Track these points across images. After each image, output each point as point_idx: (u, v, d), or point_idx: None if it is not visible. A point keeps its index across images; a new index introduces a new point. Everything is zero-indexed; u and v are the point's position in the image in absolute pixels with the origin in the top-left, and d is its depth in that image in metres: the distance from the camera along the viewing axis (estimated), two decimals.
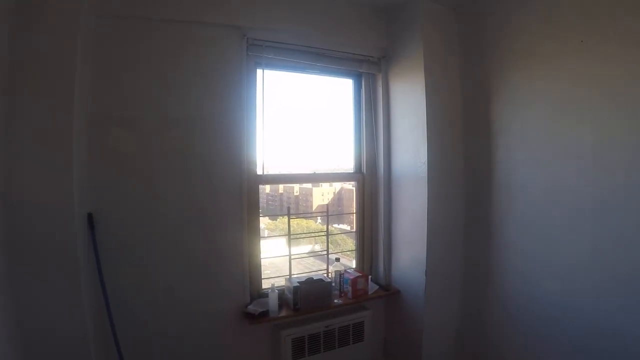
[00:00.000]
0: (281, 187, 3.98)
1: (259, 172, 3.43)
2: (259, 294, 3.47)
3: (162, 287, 3.02)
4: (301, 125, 3.79)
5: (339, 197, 4.25)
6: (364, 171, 3.96)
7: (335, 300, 3.60)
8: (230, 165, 3.22)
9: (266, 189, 3.85)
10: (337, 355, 3.64)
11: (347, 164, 4.01)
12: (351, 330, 3.67)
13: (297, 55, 3.47)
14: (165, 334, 3.07)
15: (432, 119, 3.53)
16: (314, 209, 4.06)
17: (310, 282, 3.45)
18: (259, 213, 3.49)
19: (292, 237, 3.67)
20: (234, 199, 3.24)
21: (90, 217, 2.69)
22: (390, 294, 3.88)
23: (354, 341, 3.71)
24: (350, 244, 4.16)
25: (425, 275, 3.58)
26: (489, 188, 3.53)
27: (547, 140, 3.07)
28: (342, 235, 4.21)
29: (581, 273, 2.88)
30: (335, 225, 4.28)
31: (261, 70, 3.39)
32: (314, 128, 3.84)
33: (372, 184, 4.00)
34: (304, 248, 4.05)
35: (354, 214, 4.03)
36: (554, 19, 2.97)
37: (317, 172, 3.87)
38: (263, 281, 3.55)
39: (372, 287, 3.82)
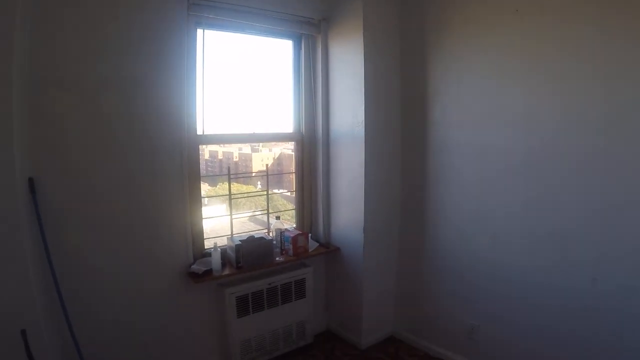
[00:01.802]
0: (220, 153, 4.04)
1: (199, 132, 3.48)
2: (202, 254, 3.58)
3: (106, 250, 3.05)
4: (241, 86, 3.84)
5: (278, 162, 4.39)
6: (303, 132, 4.11)
7: (277, 258, 3.78)
8: (170, 125, 3.24)
9: (205, 154, 3.91)
10: (280, 311, 3.85)
11: (287, 126, 4.14)
12: (293, 286, 3.89)
13: (237, 15, 3.50)
14: (111, 296, 3.12)
15: (370, 80, 3.73)
16: (254, 175, 4.17)
17: (251, 240, 3.58)
18: (199, 173, 3.55)
19: (232, 198, 3.77)
20: (175, 159, 3.27)
21: (31, 181, 2.64)
22: (330, 251, 4.14)
23: (297, 297, 3.94)
24: (291, 208, 4.33)
25: (364, 232, 3.84)
26: (425, 147, 3.82)
27: (481, 102, 3.40)
28: (283, 201, 4.37)
29: (512, 228, 3.28)
30: (276, 191, 4.43)
31: (202, 30, 3.43)
32: (254, 90, 3.91)
33: (311, 144, 4.16)
34: (245, 212, 4.17)
35: (294, 174, 4.18)
36: None
37: (257, 132, 3.97)
38: (206, 242, 3.65)
39: (313, 245, 4.05)
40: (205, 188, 3.86)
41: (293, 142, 4.16)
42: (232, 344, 3.65)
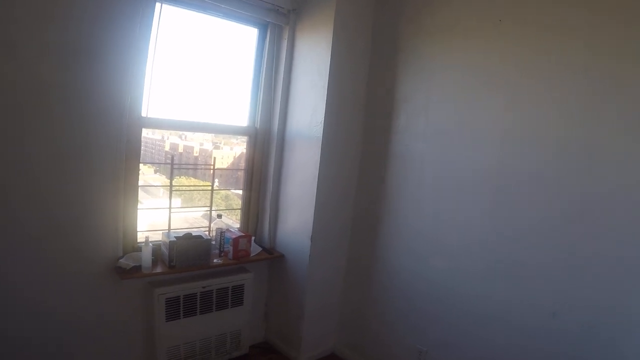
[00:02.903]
0: (181, 146, 3.86)
1: (143, 114, 3.27)
2: (134, 248, 3.36)
3: (28, 236, 2.83)
4: (197, 71, 3.65)
5: (239, 161, 4.20)
6: (257, 127, 3.95)
7: (215, 260, 3.59)
8: (111, 102, 3.00)
9: (165, 146, 3.76)
10: (214, 318, 3.65)
11: (241, 119, 3.97)
12: (230, 292, 3.68)
13: None
14: (27, 287, 2.89)
15: (335, 79, 3.58)
16: (206, 169, 3.98)
17: (188, 237, 3.38)
18: (139, 158, 3.33)
19: (175, 189, 3.59)
20: (113, 141, 3.05)
21: None
22: (273, 257, 3.96)
23: (233, 304, 3.73)
24: (237, 207, 4.17)
25: (311, 241, 3.68)
26: (386, 157, 3.69)
27: (448, 115, 3.29)
28: (239, 200, 4.17)
29: (469, 253, 3.15)
30: (233, 191, 4.26)
31: (160, 4, 3.21)
32: (211, 76, 3.73)
33: (265, 141, 4.00)
34: (197, 210, 4.00)
35: (243, 171, 4.00)
36: None
37: (207, 122, 3.76)
38: (140, 235, 3.43)
39: (255, 249, 3.86)
40: (162, 180, 3.71)
41: (246, 137, 3.97)
42: (159, 350, 3.43)
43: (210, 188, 3.83)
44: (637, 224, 2.40)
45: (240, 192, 4.13)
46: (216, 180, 3.93)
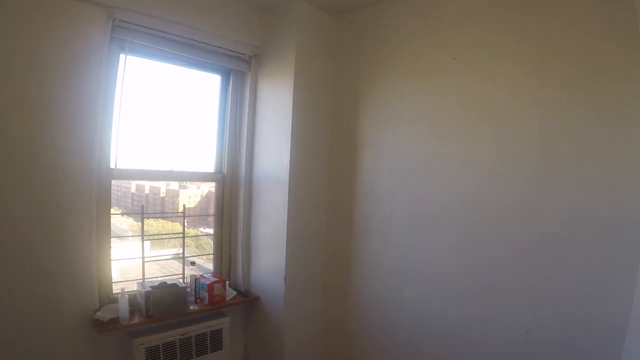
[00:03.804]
0: (147, 187, 3.89)
1: (112, 165, 3.31)
2: (110, 299, 3.36)
3: (1, 291, 2.80)
4: (163, 119, 3.74)
5: (206, 200, 4.26)
6: (225, 172, 4.04)
7: (191, 307, 3.62)
8: (80, 156, 3.06)
9: (132, 188, 3.79)
10: None
11: (208, 165, 4.06)
12: (209, 338, 3.71)
13: (165, 43, 3.44)
14: (8, 346, 2.85)
15: (298, 124, 3.73)
16: (180, 211, 4.01)
17: (163, 286, 3.41)
18: (109, 209, 3.36)
19: (147, 238, 3.61)
20: (83, 193, 3.09)
21: None
22: (249, 300, 4.01)
23: (213, 349, 3.75)
24: (209, 252, 4.21)
25: (285, 281, 3.75)
26: (353, 195, 3.85)
27: (412, 150, 3.48)
28: (210, 241, 4.21)
29: (443, 281, 3.31)
30: (202, 229, 4.29)
31: (124, 56, 3.30)
32: (176, 124, 3.82)
33: (233, 185, 4.08)
34: (168, 251, 4.01)
35: (213, 216, 4.07)
36: (432, 34, 3.39)
37: (175, 170, 3.82)
38: (115, 285, 3.43)
39: (231, 293, 3.91)
40: (129, 222, 3.74)
41: (214, 183, 4.04)
42: None
43: (181, 234, 3.88)
44: (596, 243, 2.61)
45: (210, 230, 4.19)
46: (185, 221, 3.98)
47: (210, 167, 4.05)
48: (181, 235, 3.87)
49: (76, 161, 3.04)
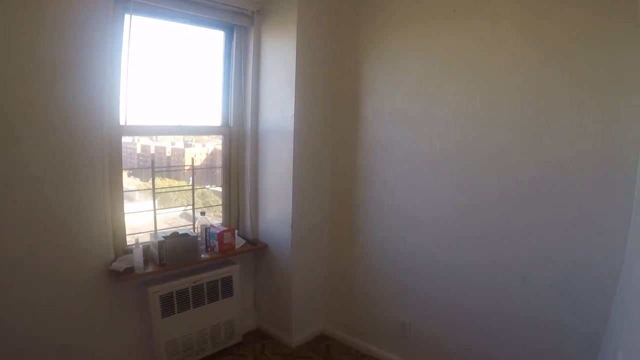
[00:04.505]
0: (153, 148, 3.98)
1: (122, 122, 3.42)
2: (124, 251, 3.54)
3: (19, 247, 2.96)
4: (169, 76, 3.81)
5: (211, 158, 4.37)
6: (231, 125, 4.13)
7: (202, 255, 3.80)
8: (91, 115, 3.15)
9: (137, 148, 3.88)
10: (207, 310, 3.87)
11: (215, 119, 4.15)
12: (220, 284, 3.90)
13: (168, 1, 3.47)
14: (26, 298, 3.04)
15: (302, 75, 3.78)
16: (186, 170, 4.14)
17: (175, 236, 3.57)
18: (121, 165, 3.49)
19: (157, 192, 3.76)
20: (95, 150, 3.20)
21: None
22: (257, 248, 4.19)
23: (224, 296, 3.95)
24: (218, 203, 4.34)
25: (291, 229, 3.90)
26: (356, 144, 3.93)
27: (413, 102, 3.54)
28: (215, 197, 4.36)
29: (443, 227, 3.44)
30: (208, 187, 4.42)
31: (129, 16, 3.35)
32: (183, 80, 3.88)
33: (239, 138, 4.18)
34: (176, 209, 4.14)
35: (221, 169, 4.19)
36: None
37: (182, 125, 3.93)
38: (128, 237, 3.60)
39: (240, 242, 4.08)
40: (136, 183, 3.83)
41: (220, 136, 4.15)
42: (158, 345, 3.64)
43: (190, 187, 4.03)
44: (591, 186, 2.70)
45: (216, 188, 4.33)
46: (191, 178, 4.11)
47: (217, 121, 4.14)
48: (190, 187, 4.02)
49: (87, 120, 3.14)
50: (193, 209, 4.03)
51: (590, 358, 2.74)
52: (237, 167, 4.22)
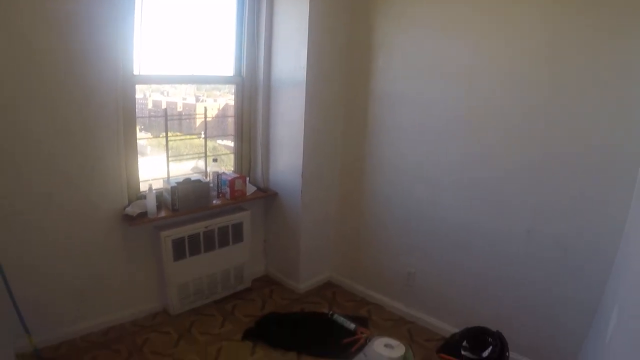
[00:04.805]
0: (164, 103, 3.98)
1: (136, 71, 3.46)
2: (137, 197, 3.62)
3: (37, 194, 3.07)
4: (182, 25, 3.80)
5: (222, 113, 4.40)
6: (244, 75, 4.15)
7: (214, 201, 3.90)
8: (106, 64, 3.17)
9: (148, 104, 3.91)
10: (218, 255, 4.00)
11: (228, 69, 4.16)
12: (231, 230, 4.01)
13: None
14: (44, 243, 3.17)
15: (314, 26, 3.76)
16: (197, 125, 4.19)
17: (187, 182, 3.65)
18: (135, 114, 3.53)
19: (170, 140, 3.80)
20: (109, 99, 3.24)
21: None
22: (268, 195, 4.29)
23: (234, 241, 4.08)
24: (229, 152, 4.40)
25: (302, 177, 3.97)
26: (368, 95, 3.95)
27: (425, 54, 3.53)
28: (225, 150, 4.41)
29: (452, 179, 3.49)
30: (219, 142, 4.46)
31: None
32: (196, 29, 3.87)
33: (252, 88, 4.20)
34: (188, 164, 4.19)
35: (233, 117, 4.24)
36: None
37: (196, 74, 3.97)
38: (142, 185, 3.67)
39: (251, 189, 4.17)
40: (147, 137, 3.87)
41: (234, 86, 4.18)
42: (170, 288, 3.77)
43: (202, 136, 4.09)
44: (596, 163, 2.75)
45: (227, 142, 4.40)
46: (201, 133, 4.17)
47: (229, 71, 4.15)
48: (202, 137, 4.09)
49: (102, 69, 3.17)
50: (205, 157, 4.10)
51: (589, 314, 2.82)
52: (249, 117, 4.26)
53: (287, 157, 4.11)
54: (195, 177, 3.78)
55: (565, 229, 2.92)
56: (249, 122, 4.27)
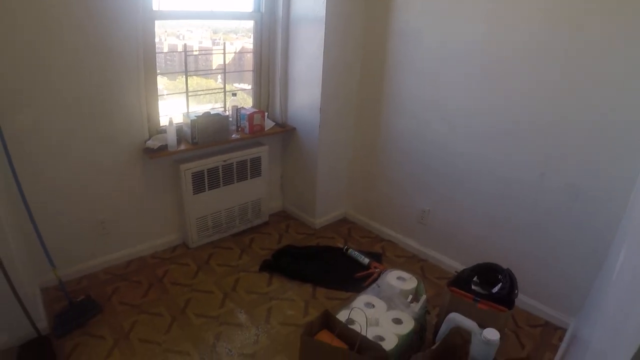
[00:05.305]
0: (180, 46, 3.92)
1: (155, 7, 3.44)
2: (158, 131, 3.69)
3: (61, 129, 3.13)
4: None
5: (239, 57, 4.39)
6: (263, 11, 4.10)
7: (233, 136, 3.95)
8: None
9: (164, 47, 3.89)
10: (236, 189, 4.10)
11: (247, 4, 4.10)
12: (249, 164, 4.10)
13: None
14: (68, 176, 3.27)
15: None
16: (214, 68, 4.19)
17: (207, 115, 3.69)
18: (154, 50, 3.54)
19: (190, 74, 3.83)
20: (129, 36, 3.24)
21: None
22: (286, 130, 4.32)
23: (252, 176, 4.17)
24: (249, 101, 4.40)
25: (320, 113, 3.99)
26: (386, 33, 3.89)
27: None
28: (244, 95, 4.41)
29: (468, 118, 3.48)
30: (236, 85, 4.45)
31: None
32: None
33: (271, 24, 4.16)
34: (204, 107, 4.17)
35: (252, 53, 4.23)
36: None
37: (215, 10, 3.92)
38: (162, 120, 3.72)
39: (269, 124, 4.22)
40: (164, 82, 3.87)
41: (252, 22, 4.14)
42: (189, 221, 3.90)
43: (220, 79, 4.12)
44: (615, 96, 2.69)
45: (245, 86, 4.41)
46: (219, 76, 4.19)
47: (248, 6, 4.11)
48: (222, 70, 4.09)
49: (122, 4, 3.14)
50: (224, 90, 4.14)
51: (600, 257, 2.87)
52: (267, 53, 4.24)
53: (305, 93, 4.11)
54: (214, 111, 3.82)
55: (578, 175, 2.93)
56: (268, 58, 4.25)
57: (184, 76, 3.80)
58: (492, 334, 2.41)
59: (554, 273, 3.22)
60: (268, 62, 4.27)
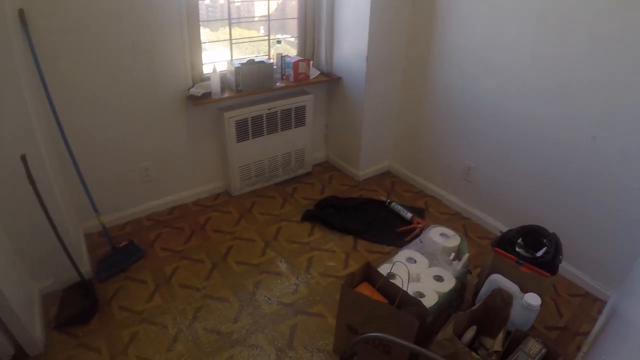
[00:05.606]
0: None
1: None
2: (202, 79, 3.67)
3: (104, 76, 3.14)
4: None
5: (283, 6, 4.29)
6: None
7: (277, 84, 3.90)
8: None
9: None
10: (279, 138, 4.08)
11: None
12: (293, 113, 4.06)
13: None
14: (112, 122, 3.31)
15: None
16: (256, 20, 4.12)
17: (251, 63, 3.64)
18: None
19: (234, 21, 3.76)
20: None
21: (21, 13, 2.60)
22: (331, 79, 4.23)
23: (296, 125, 4.14)
24: (293, 52, 4.31)
25: (367, 62, 3.88)
26: None
27: None
28: (286, 45, 4.30)
29: (518, 76, 3.30)
30: (279, 36, 4.33)
31: None
32: None
33: None
34: (248, 57, 4.08)
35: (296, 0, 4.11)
36: None
37: None
38: (205, 68, 3.68)
39: (314, 73, 4.14)
40: (206, 33, 3.80)
41: None
42: (232, 169, 3.92)
43: (263, 30, 4.05)
44: None
45: (288, 37, 4.31)
46: (261, 27, 4.11)
47: None
48: (266, 18, 4.00)
49: None
50: (269, 38, 4.06)
51: None
52: (313, 0, 4.12)
53: (351, 41, 4.00)
54: (259, 58, 3.75)
55: (632, 140, 2.76)
56: (313, 4, 4.13)
57: (227, 26, 3.74)
58: (533, 299, 2.37)
59: (599, 242, 3.10)
60: (313, 9, 4.15)
